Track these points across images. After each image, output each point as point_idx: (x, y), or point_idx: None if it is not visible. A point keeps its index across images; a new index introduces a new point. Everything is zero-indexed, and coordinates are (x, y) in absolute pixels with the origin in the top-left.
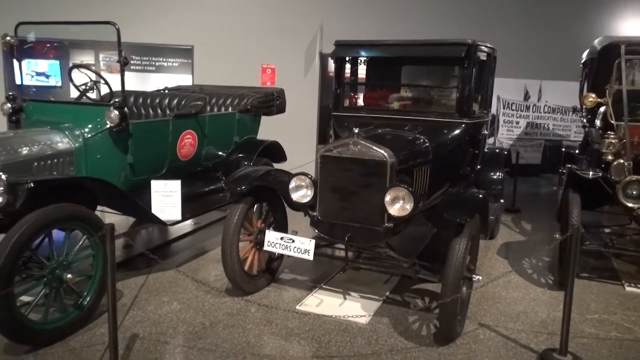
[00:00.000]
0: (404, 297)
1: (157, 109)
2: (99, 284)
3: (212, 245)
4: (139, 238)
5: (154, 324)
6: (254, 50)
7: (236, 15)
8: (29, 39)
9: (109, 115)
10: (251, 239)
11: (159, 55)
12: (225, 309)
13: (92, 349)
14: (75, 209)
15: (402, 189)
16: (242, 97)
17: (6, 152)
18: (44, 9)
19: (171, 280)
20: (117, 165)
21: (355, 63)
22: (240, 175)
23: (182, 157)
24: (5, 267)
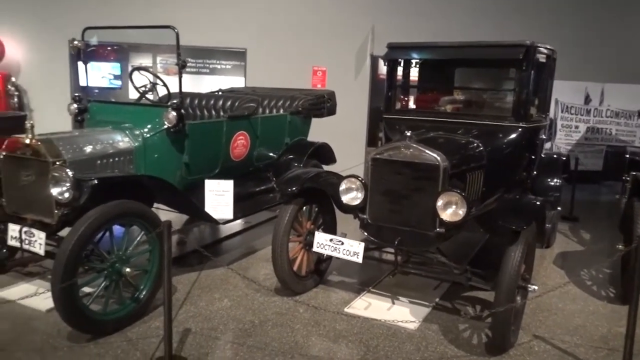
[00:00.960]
0: (455, 304)
1: (212, 110)
2: (154, 278)
3: (262, 245)
4: (191, 235)
5: (206, 319)
6: (305, 53)
7: (288, 17)
8: (92, 42)
9: (167, 116)
10: (301, 239)
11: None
12: (274, 308)
13: (147, 341)
14: (134, 206)
15: (454, 194)
16: (294, 99)
17: (72, 150)
18: (109, 14)
19: (222, 278)
20: (173, 164)
21: (407, 65)
22: (291, 177)
23: (235, 157)
24: (71, 259)
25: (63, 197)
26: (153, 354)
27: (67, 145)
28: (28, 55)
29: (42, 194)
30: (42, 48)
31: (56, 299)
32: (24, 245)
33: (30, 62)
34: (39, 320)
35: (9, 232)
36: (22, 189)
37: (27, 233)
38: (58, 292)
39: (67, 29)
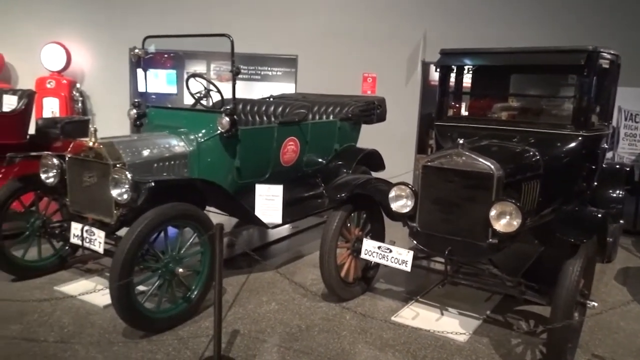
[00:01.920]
0: (507, 317)
1: (263, 116)
2: (205, 279)
3: (309, 250)
4: (240, 238)
5: (254, 322)
6: (355, 59)
7: (339, 24)
8: (151, 50)
9: (221, 122)
10: (348, 246)
11: (264, 65)
12: (321, 313)
13: (197, 340)
14: (188, 208)
15: (509, 204)
16: (343, 106)
17: (132, 153)
18: (167, 23)
19: (270, 281)
20: (225, 168)
21: (460, 72)
22: (340, 183)
23: (285, 162)
24: (128, 258)
25: (122, 198)
26: (202, 354)
27: (127, 148)
28: (91, 63)
29: (102, 194)
30: (104, 56)
31: (113, 296)
32: (84, 243)
33: (93, 69)
34: (97, 315)
35: (72, 230)
36: (85, 190)
37: (88, 232)
38: (115, 290)
39: (127, 38)
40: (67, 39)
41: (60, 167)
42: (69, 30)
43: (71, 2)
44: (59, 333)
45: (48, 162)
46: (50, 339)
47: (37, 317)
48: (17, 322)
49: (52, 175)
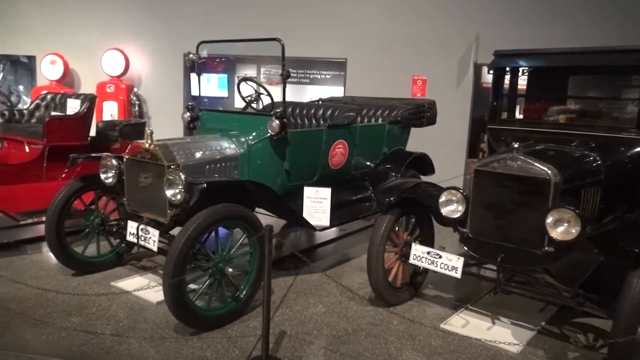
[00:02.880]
0: (563, 329)
1: (312, 119)
2: (254, 279)
3: (356, 253)
4: (287, 240)
5: (301, 323)
6: (405, 62)
7: (388, 27)
8: (202, 55)
9: (271, 125)
10: (397, 250)
11: (313, 68)
12: (367, 317)
13: (245, 340)
14: (239, 210)
15: (567, 211)
16: (393, 109)
17: (185, 155)
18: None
19: (317, 284)
20: (275, 170)
21: (515, 74)
22: (389, 186)
23: (333, 165)
24: (180, 256)
25: (176, 199)
26: (250, 353)
27: (181, 150)
28: (148, 68)
29: (157, 194)
30: (160, 61)
31: (166, 293)
32: (140, 241)
33: (149, 74)
34: (150, 311)
35: (128, 228)
36: (141, 190)
37: (143, 230)
38: (168, 287)
39: (182, 44)
40: (126, 45)
41: (118, 167)
42: (127, 37)
43: (130, 11)
44: (115, 327)
45: (107, 163)
46: (107, 331)
47: (95, 311)
48: (77, 314)
49: (111, 175)
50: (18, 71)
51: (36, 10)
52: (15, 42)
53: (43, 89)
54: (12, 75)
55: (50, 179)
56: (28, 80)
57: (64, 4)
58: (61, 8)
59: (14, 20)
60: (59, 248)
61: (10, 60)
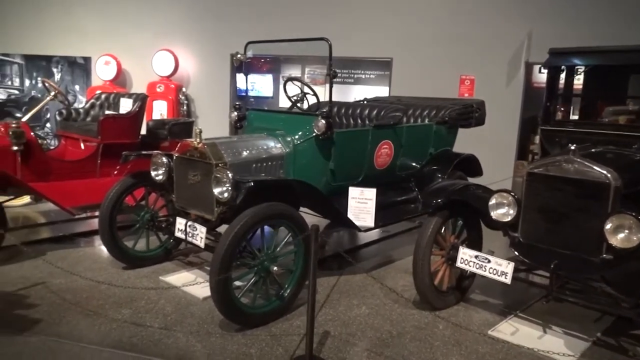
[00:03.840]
0: (620, 341)
1: (357, 119)
2: (298, 278)
3: (400, 255)
4: (330, 240)
5: (344, 324)
6: (452, 61)
7: (435, 26)
8: (248, 55)
9: (317, 124)
10: (443, 253)
11: (357, 68)
12: (412, 321)
13: (289, 338)
14: (285, 209)
15: (628, 217)
16: (440, 109)
17: (232, 154)
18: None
19: (360, 285)
20: (320, 170)
21: (571, 73)
22: (437, 188)
23: (379, 166)
24: (227, 254)
25: (223, 197)
26: (294, 352)
27: (228, 149)
28: (196, 68)
29: (205, 192)
30: (207, 61)
31: (213, 289)
32: (187, 237)
33: (197, 74)
34: (196, 306)
35: (177, 225)
36: (190, 187)
37: (191, 227)
38: (215, 283)
39: (228, 45)
40: (176, 46)
41: (168, 165)
42: (177, 38)
43: (180, 12)
44: (163, 320)
45: (158, 161)
46: (155, 325)
47: (145, 304)
48: (127, 306)
49: (161, 172)
50: (75, 72)
51: (92, 13)
52: (72, 44)
53: (97, 88)
54: (69, 75)
55: (104, 175)
56: (84, 81)
57: (119, 7)
58: (115, 12)
59: (71, 24)
60: (111, 242)
61: (67, 62)
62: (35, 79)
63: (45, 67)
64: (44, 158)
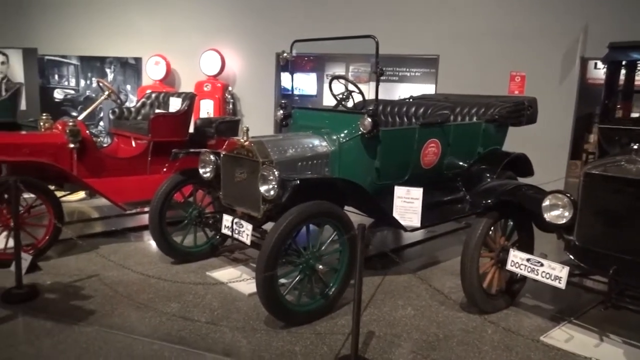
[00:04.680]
0: None
1: (404, 117)
2: (343, 277)
3: (446, 256)
4: (374, 240)
5: (389, 325)
6: (502, 57)
7: (483, 21)
8: (294, 54)
9: (363, 123)
10: (492, 255)
11: (402, 66)
12: (459, 324)
13: (334, 337)
14: (330, 207)
15: None
16: (489, 107)
17: (278, 152)
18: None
19: (405, 285)
20: (365, 169)
21: (632, 68)
22: (486, 188)
23: (425, 165)
24: (273, 251)
25: (269, 194)
26: (339, 351)
27: (274, 147)
28: (242, 67)
29: (252, 190)
30: (253, 60)
31: (259, 286)
32: (234, 234)
33: (243, 73)
34: (242, 302)
35: (223, 221)
36: (236, 185)
37: (237, 224)
38: (261, 280)
39: (273, 44)
40: (222, 45)
41: (216, 163)
42: (224, 38)
43: (227, 13)
44: (209, 315)
45: (206, 159)
46: (202, 319)
47: (192, 298)
48: (176, 300)
49: (208, 170)
50: (126, 72)
51: (144, 16)
52: (124, 45)
53: (147, 88)
54: (122, 75)
55: (153, 172)
56: (134, 80)
57: (169, 9)
58: (165, 13)
59: (124, 26)
60: (161, 237)
61: (120, 62)
62: (89, 80)
63: (99, 67)
64: (98, 155)
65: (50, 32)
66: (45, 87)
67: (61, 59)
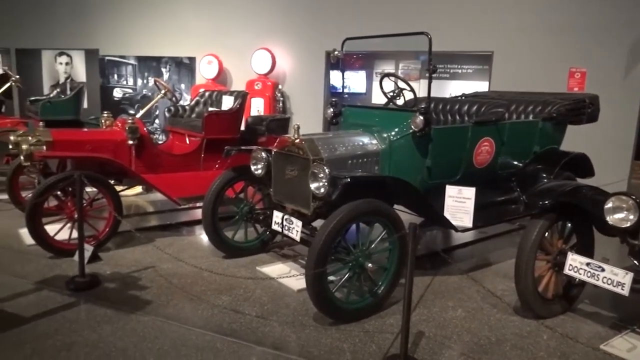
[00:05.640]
0: None
1: (456, 115)
2: (393, 276)
3: (498, 258)
4: (423, 239)
5: (439, 326)
6: (560, 53)
7: (541, 14)
8: (344, 52)
9: (415, 121)
10: (549, 258)
11: (453, 63)
12: (513, 328)
13: (382, 336)
14: (381, 206)
15: None
16: (546, 104)
17: (329, 150)
18: (361, 25)
19: (456, 286)
20: (416, 167)
21: None
22: (544, 188)
23: (478, 164)
24: (324, 248)
25: (319, 192)
26: (388, 350)
27: (325, 145)
28: (292, 66)
29: (302, 187)
30: (302, 59)
31: (308, 282)
32: (284, 230)
33: (293, 71)
34: (291, 297)
35: (274, 218)
36: (287, 182)
37: (287, 220)
38: (311, 277)
39: (323, 42)
40: (273, 44)
41: (267, 160)
42: (274, 37)
43: (278, 12)
44: (259, 309)
45: (257, 156)
46: (252, 313)
47: (243, 292)
48: (227, 294)
49: (260, 167)
50: (181, 71)
51: (198, 16)
52: (179, 46)
53: (200, 86)
54: (176, 74)
55: (206, 168)
56: (188, 79)
57: (221, 10)
58: (218, 14)
59: (179, 27)
60: (213, 232)
61: (175, 62)
62: (146, 79)
63: (155, 67)
64: (155, 152)
65: (110, 33)
66: (105, 86)
67: (120, 59)
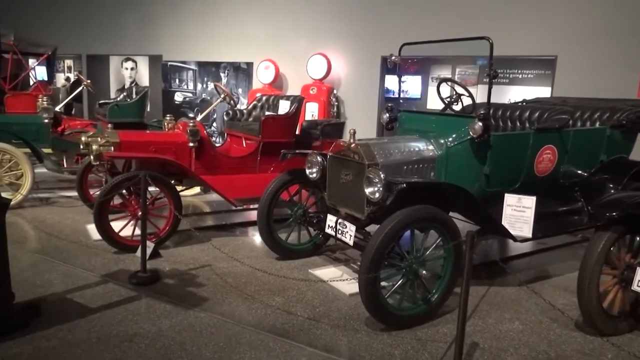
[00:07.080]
0: None
1: (516, 121)
2: (447, 284)
3: (559, 271)
4: (479, 248)
5: (495, 338)
6: (630, 58)
7: (608, 17)
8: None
9: (473, 127)
10: (615, 273)
11: (514, 68)
12: (574, 344)
13: (435, 344)
14: (437, 212)
15: None
16: (615, 111)
17: (384, 155)
18: (417, 30)
19: (513, 298)
20: (473, 174)
21: None
22: (612, 199)
23: (539, 172)
24: (377, 253)
25: (374, 197)
26: (440, 359)
27: (380, 150)
28: (347, 71)
29: (356, 191)
30: (358, 64)
31: (361, 287)
32: (337, 234)
33: (348, 76)
34: (342, 301)
35: (327, 221)
36: (341, 186)
37: (340, 224)
38: (364, 282)
39: (379, 46)
40: (328, 49)
41: (322, 164)
42: (330, 42)
43: (333, 17)
44: (311, 311)
45: (313, 159)
46: (304, 314)
47: (295, 294)
48: (280, 294)
49: (315, 170)
50: (239, 76)
51: (255, 23)
52: (237, 51)
53: (257, 91)
54: (234, 79)
55: (262, 171)
56: (245, 84)
57: (279, 16)
58: (275, 20)
59: (237, 33)
60: (268, 234)
61: (233, 67)
62: (205, 83)
63: (214, 72)
64: (214, 154)
65: (173, 40)
66: (167, 90)
67: (181, 64)
